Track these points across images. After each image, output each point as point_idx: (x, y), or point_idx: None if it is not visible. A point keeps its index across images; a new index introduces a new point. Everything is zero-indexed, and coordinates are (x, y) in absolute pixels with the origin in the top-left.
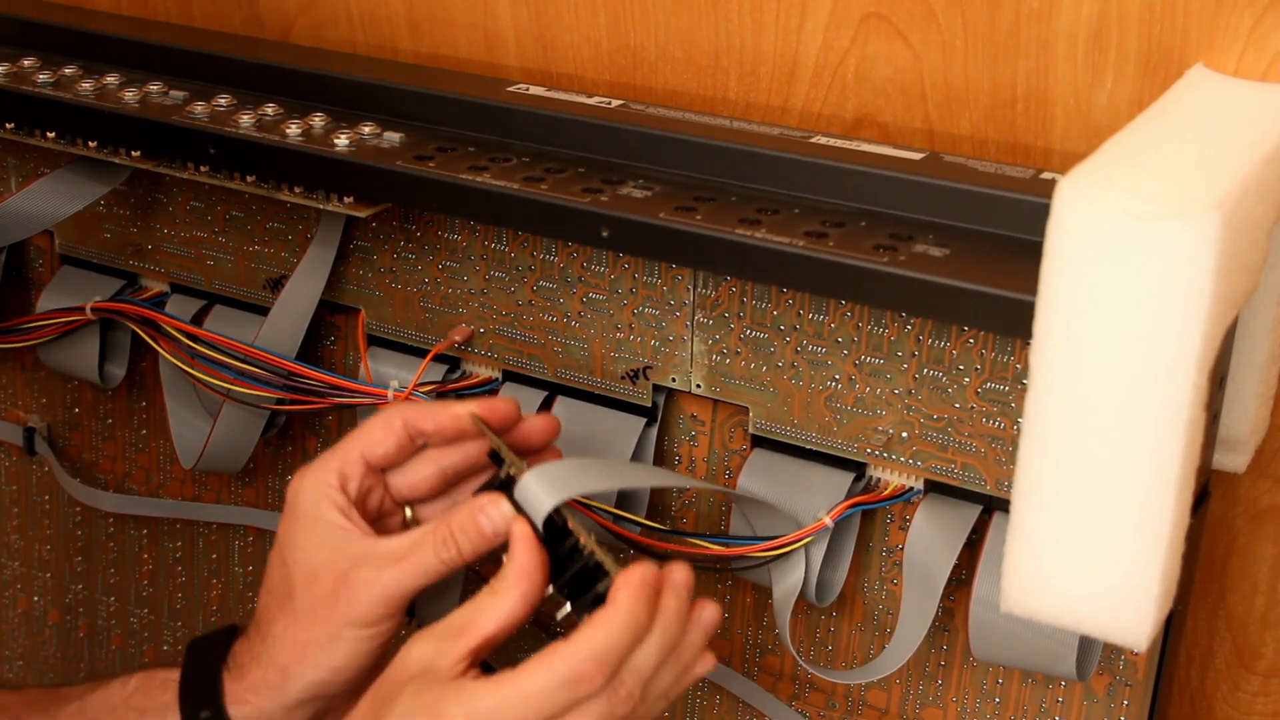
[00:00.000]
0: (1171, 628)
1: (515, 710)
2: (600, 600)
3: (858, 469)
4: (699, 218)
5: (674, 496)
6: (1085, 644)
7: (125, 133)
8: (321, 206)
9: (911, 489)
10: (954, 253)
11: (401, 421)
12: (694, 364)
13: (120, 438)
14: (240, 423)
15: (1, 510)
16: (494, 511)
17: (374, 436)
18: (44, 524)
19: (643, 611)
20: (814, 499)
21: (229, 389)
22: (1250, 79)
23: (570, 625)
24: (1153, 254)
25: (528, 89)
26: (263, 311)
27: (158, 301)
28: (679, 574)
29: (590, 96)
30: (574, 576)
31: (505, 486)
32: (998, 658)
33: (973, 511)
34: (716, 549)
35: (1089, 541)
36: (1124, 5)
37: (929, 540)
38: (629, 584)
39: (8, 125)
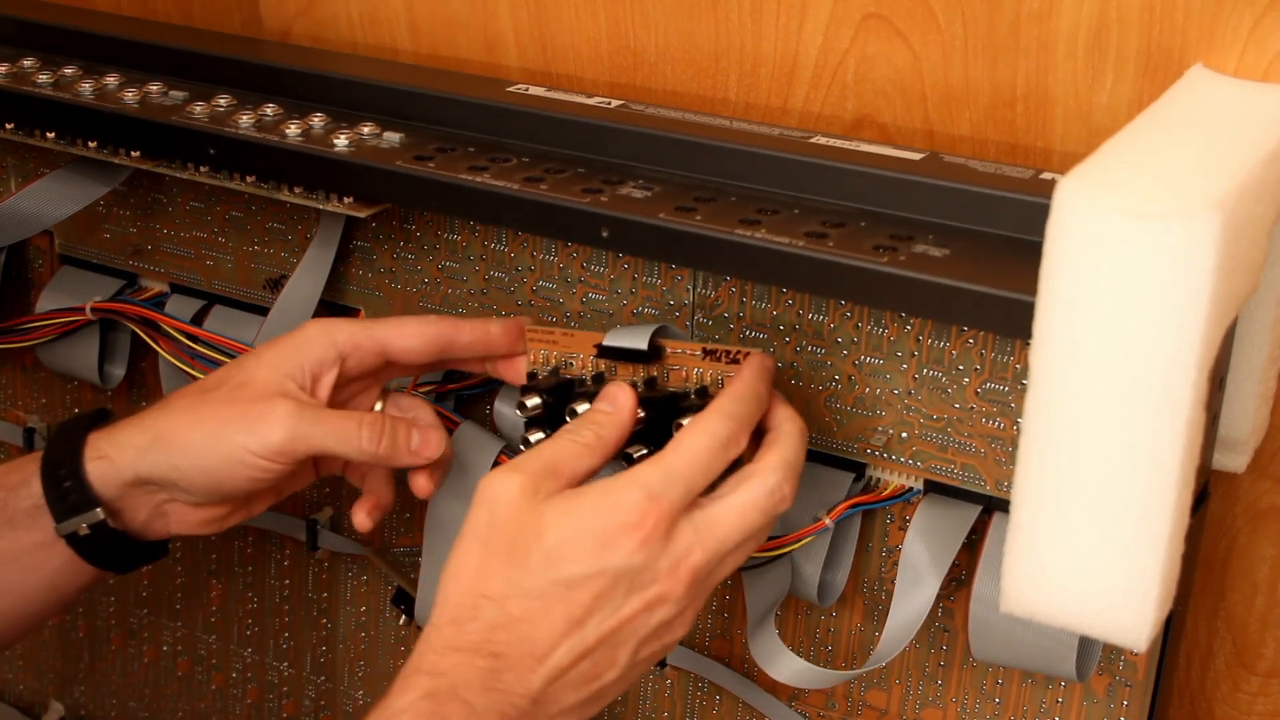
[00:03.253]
0: (1171, 628)
1: (731, 523)
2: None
3: (857, 469)
4: (699, 218)
5: None
6: (1085, 644)
7: (125, 133)
8: (321, 206)
9: (911, 489)
10: (954, 253)
11: (438, 334)
12: None
13: None
14: None
15: None
16: (433, 436)
17: (406, 333)
18: None
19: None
20: (814, 499)
21: None
22: (1250, 79)
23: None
24: (1153, 254)
25: (528, 89)
26: (263, 311)
27: (157, 301)
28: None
29: (590, 97)
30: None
31: (558, 388)
32: (998, 658)
33: (972, 511)
34: None
35: (1089, 541)
36: (1124, 5)
37: (928, 540)
38: (788, 408)
39: (8, 125)
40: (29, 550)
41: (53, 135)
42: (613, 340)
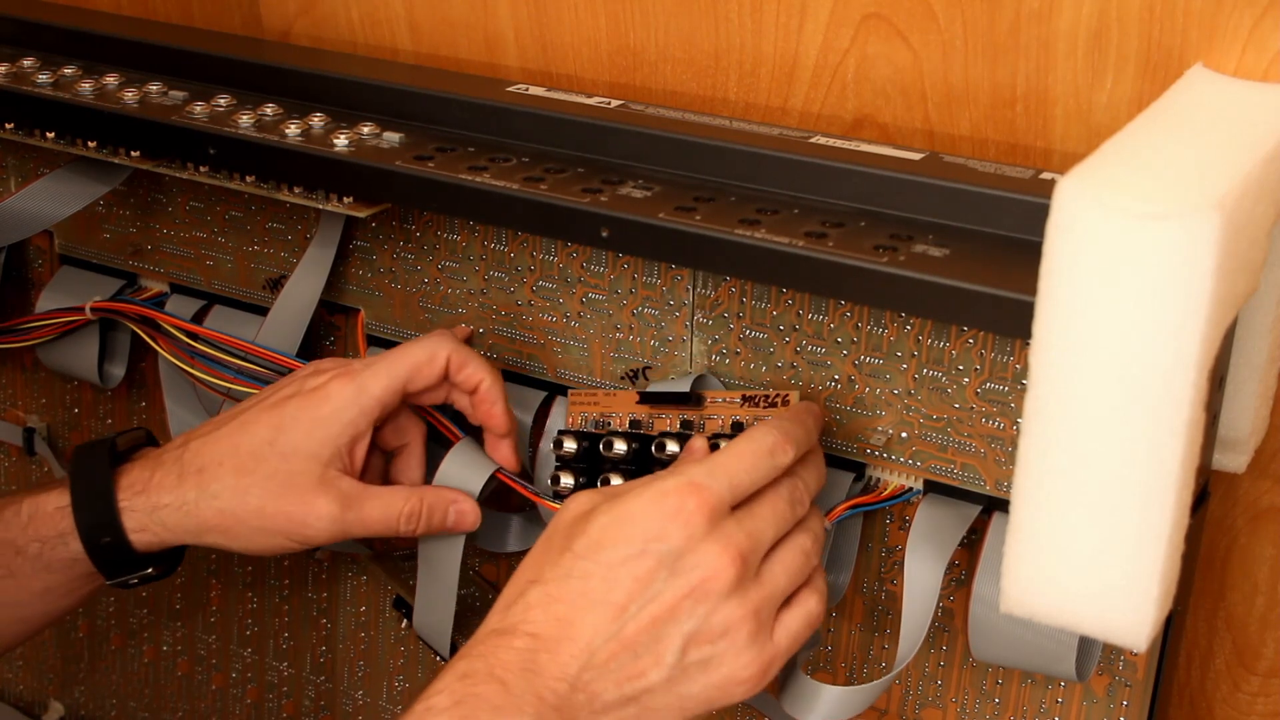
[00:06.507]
0: (1171, 628)
1: (764, 514)
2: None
3: (857, 469)
4: (699, 218)
5: None
6: (1085, 644)
7: (125, 133)
8: (321, 206)
9: (911, 489)
10: (954, 253)
11: (445, 361)
12: (694, 364)
13: None
14: None
15: None
16: (468, 509)
17: (421, 372)
18: None
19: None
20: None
21: (229, 388)
22: (1250, 79)
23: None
24: (1153, 254)
25: (528, 89)
26: (263, 311)
27: (157, 301)
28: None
29: (590, 97)
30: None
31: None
32: (997, 658)
33: (972, 511)
34: None
35: (1089, 541)
36: (1124, 5)
37: (929, 541)
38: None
39: (8, 125)
40: (64, 584)
41: (53, 135)
42: (655, 388)
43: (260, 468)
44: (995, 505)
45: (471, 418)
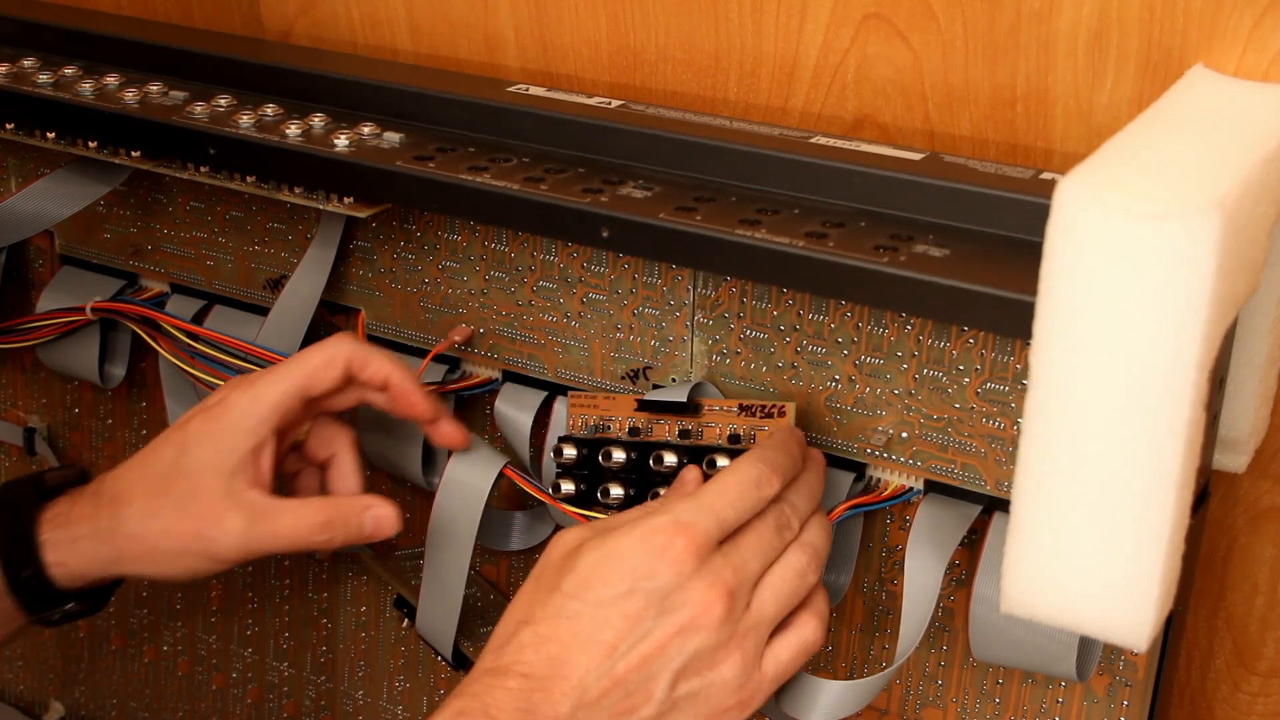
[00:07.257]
0: (1171, 628)
1: (752, 546)
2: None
3: (858, 469)
4: (699, 218)
5: None
6: (1085, 644)
7: (125, 133)
8: (321, 207)
9: (911, 489)
10: (954, 253)
11: (344, 362)
12: (694, 364)
13: (120, 438)
14: None
15: None
16: (385, 514)
17: (318, 376)
18: None
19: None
20: None
21: None
22: (1250, 79)
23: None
24: (1153, 254)
25: (528, 89)
26: (263, 312)
27: (158, 302)
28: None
29: (590, 97)
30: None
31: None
32: (998, 658)
33: (972, 511)
34: None
35: (1089, 541)
36: (1124, 5)
37: (929, 540)
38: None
39: (8, 125)
40: None
41: (53, 135)
42: (653, 396)
43: (169, 489)
44: (995, 505)
45: (395, 414)
